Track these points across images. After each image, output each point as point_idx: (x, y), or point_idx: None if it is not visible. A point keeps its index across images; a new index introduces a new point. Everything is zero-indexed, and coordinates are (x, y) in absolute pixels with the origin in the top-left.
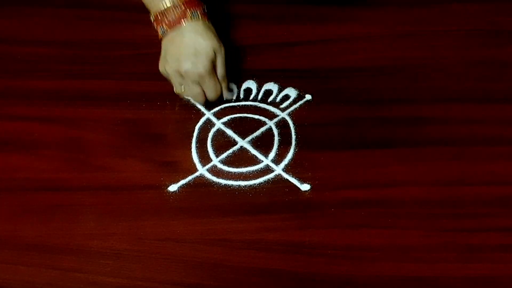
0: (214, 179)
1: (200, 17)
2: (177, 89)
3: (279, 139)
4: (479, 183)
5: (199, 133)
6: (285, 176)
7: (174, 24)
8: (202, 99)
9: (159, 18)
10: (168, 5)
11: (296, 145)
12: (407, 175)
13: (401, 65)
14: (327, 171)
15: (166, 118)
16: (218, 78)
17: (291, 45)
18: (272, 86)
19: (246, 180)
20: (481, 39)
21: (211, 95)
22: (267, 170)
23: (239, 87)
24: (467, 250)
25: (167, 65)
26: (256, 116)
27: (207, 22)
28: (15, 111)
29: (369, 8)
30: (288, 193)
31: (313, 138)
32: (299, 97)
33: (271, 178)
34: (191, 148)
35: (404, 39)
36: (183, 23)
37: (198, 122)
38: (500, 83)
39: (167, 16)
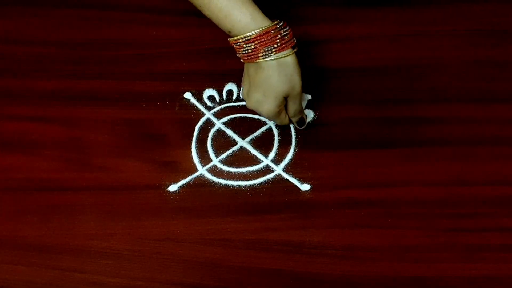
0: (214, 179)
1: (284, 51)
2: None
3: (279, 139)
4: (479, 183)
5: (199, 133)
6: (285, 176)
7: (253, 56)
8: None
9: (243, 45)
10: (259, 29)
11: (296, 145)
12: (407, 175)
13: (401, 65)
14: (327, 171)
15: (166, 118)
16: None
17: None
18: None
19: (246, 180)
20: (481, 39)
21: (280, 124)
22: (267, 170)
23: (239, 87)
24: (467, 250)
25: (244, 86)
26: (256, 116)
27: (289, 57)
28: (15, 111)
29: (369, 8)
30: (288, 193)
31: (313, 138)
32: None
33: (271, 178)
34: (191, 148)
35: (404, 39)
36: (262, 57)
37: (198, 122)
38: (500, 83)
39: (278, 35)
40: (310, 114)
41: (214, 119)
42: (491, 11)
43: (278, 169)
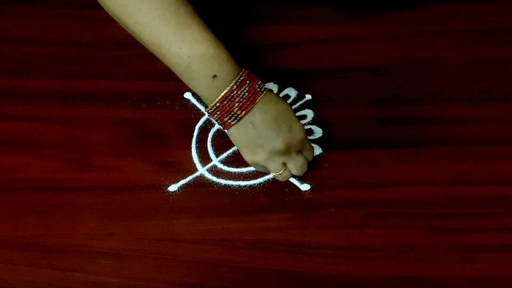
0: (214, 179)
1: (262, 85)
2: (277, 173)
3: None
4: (479, 183)
5: (199, 133)
6: None
7: (249, 105)
8: (306, 165)
9: (224, 104)
10: (229, 87)
11: None
12: (407, 175)
13: (401, 65)
14: (327, 171)
15: (166, 118)
16: None
17: (291, 45)
18: (272, 86)
19: (246, 180)
20: (481, 39)
21: (311, 155)
22: None
23: None
24: (467, 250)
25: (260, 151)
26: None
27: (266, 89)
28: (15, 111)
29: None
30: (288, 193)
31: (313, 138)
32: (299, 97)
33: (271, 178)
34: (191, 148)
35: (404, 39)
36: (258, 97)
37: (198, 122)
38: (500, 83)
39: (237, 97)
40: (310, 114)
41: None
42: (491, 11)
43: None
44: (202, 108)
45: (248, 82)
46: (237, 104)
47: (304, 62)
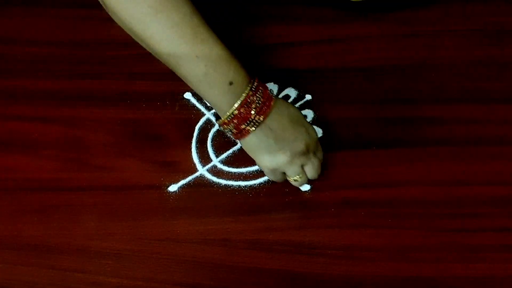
0: (214, 179)
1: (272, 90)
2: (296, 176)
3: None
4: (479, 183)
5: (199, 133)
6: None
7: (266, 109)
8: (319, 167)
9: (241, 111)
10: (245, 93)
11: None
12: (407, 175)
13: (401, 65)
14: (327, 171)
15: (166, 118)
16: None
17: (291, 45)
18: (272, 86)
19: (246, 180)
20: (481, 39)
21: (322, 157)
22: None
23: None
24: (467, 250)
25: (280, 155)
26: None
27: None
28: (15, 111)
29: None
30: (288, 193)
31: None
32: (299, 97)
33: None
34: (191, 148)
35: (404, 39)
36: (272, 102)
37: (198, 122)
38: (500, 83)
39: (253, 103)
40: (310, 114)
41: (214, 119)
42: (491, 11)
43: None
44: (202, 108)
45: (261, 88)
46: (253, 110)
47: (304, 62)
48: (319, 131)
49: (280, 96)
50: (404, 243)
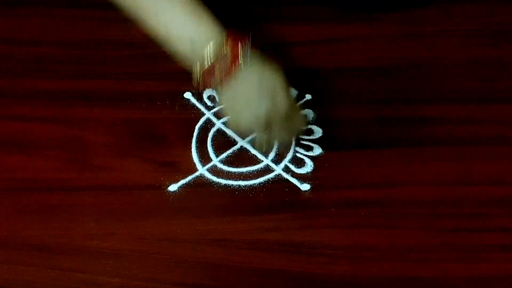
0: (214, 179)
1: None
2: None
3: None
4: (479, 183)
5: (199, 133)
6: (285, 176)
7: (233, 69)
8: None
9: (212, 70)
10: (216, 53)
11: (296, 145)
12: (407, 175)
13: (401, 65)
14: (327, 171)
15: (166, 118)
16: None
17: (291, 45)
18: None
19: (246, 180)
20: (481, 39)
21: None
22: (267, 170)
23: None
24: (467, 250)
25: (255, 108)
26: None
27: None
28: (15, 111)
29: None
30: (288, 193)
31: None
32: (299, 97)
33: (271, 178)
34: (191, 148)
35: (404, 39)
36: (241, 64)
37: (198, 122)
38: (500, 83)
39: (220, 64)
40: (310, 114)
41: (214, 119)
42: (491, 11)
43: (278, 169)
44: (202, 108)
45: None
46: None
47: (304, 62)
48: (319, 131)
49: None
50: (404, 243)
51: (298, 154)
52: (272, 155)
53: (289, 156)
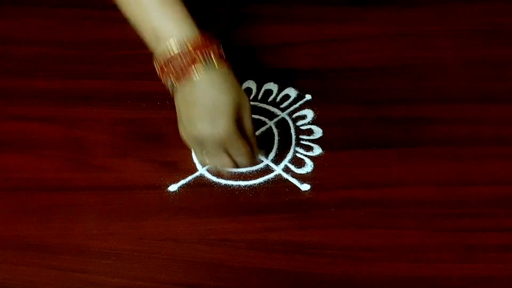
0: (214, 179)
1: (214, 63)
2: (198, 158)
3: (279, 139)
4: (479, 183)
5: None
6: (285, 176)
7: (183, 76)
8: (231, 166)
9: (165, 68)
10: (175, 51)
11: (296, 145)
12: (407, 175)
13: (401, 65)
14: (327, 171)
15: (166, 118)
16: (246, 138)
17: (291, 45)
18: (272, 86)
19: (246, 180)
20: (481, 39)
21: (242, 161)
22: (267, 170)
23: None
24: (467, 250)
25: (183, 129)
26: (256, 116)
27: (224, 68)
28: (15, 111)
29: (369, 8)
30: (288, 193)
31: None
32: (299, 97)
33: (271, 178)
34: (191, 148)
35: (404, 39)
36: (194, 74)
37: None
38: (500, 83)
39: (174, 65)
40: (310, 114)
41: None
42: (491, 11)
43: (278, 169)
44: None
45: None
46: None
47: (304, 62)
48: (319, 131)
49: (280, 96)
50: (404, 243)
51: (298, 154)
52: (272, 155)
53: (289, 156)
